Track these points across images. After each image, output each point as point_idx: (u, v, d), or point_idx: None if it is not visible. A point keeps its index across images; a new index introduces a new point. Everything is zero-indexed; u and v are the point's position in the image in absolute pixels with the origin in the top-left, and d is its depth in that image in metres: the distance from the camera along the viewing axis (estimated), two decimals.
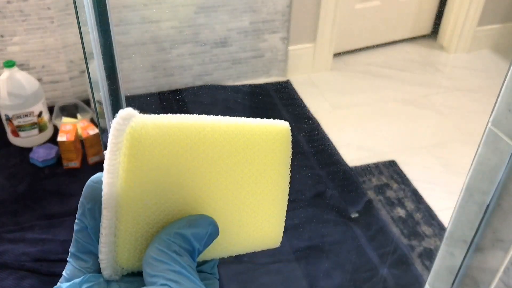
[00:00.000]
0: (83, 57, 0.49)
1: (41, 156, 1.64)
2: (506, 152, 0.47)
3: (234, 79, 2.14)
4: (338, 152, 1.77)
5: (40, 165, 1.64)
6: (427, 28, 2.45)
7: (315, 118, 1.93)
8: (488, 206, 0.51)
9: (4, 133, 1.75)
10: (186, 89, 2.07)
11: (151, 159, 0.29)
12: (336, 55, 2.26)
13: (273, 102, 2.03)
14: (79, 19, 0.47)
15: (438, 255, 0.60)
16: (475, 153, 0.51)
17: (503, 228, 0.50)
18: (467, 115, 1.98)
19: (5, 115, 1.67)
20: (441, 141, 1.86)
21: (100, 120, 0.55)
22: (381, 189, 1.63)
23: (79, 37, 0.49)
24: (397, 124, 1.94)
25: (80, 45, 0.49)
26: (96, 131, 1.65)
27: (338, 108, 2.02)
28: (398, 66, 2.27)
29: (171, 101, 2.03)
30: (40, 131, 1.72)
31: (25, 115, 1.67)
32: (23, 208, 1.50)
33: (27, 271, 1.31)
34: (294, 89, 2.10)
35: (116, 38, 0.49)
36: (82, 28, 0.48)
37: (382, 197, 1.60)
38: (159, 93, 2.05)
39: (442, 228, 1.49)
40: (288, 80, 2.16)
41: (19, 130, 1.69)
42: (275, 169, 0.34)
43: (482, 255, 0.54)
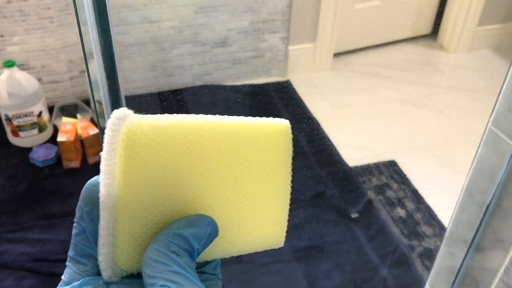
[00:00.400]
0: (83, 57, 0.49)
1: (41, 156, 1.64)
2: (506, 152, 0.47)
3: (234, 79, 2.14)
4: (338, 152, 1.76)
5: (40, 165, 1.64)
6: (427, 28, 2.45)
7: (315, 118, 1.93)
8: (488, 206, 0.51)
9: (4, 133, 1.75)
10: (186, 89, 2.07)
11: (148, 159, 0.29)
12: (336, 55, 2.26)
13: (273, 102, 2.03)
14: (79, 19, 0.47)
15: (438, 255, 0.60)
16: (475, 153, 0.51)
17: (503, 228, 0.50)
18: (467, 115, 1.98)
19: (5, 115, 1.67)
20: (441, 141, 1.86)
21: (100, 120, 0.55)
22: (381, 189, 1.63)
23: (79, 37, 0.49)
24: (397, 124, 1.94)
25: (80, 45, 0.49)
26: (96, 131, 1.65)
27: (338, 108, 2.02)
28: (398, 66, 2.27)
29: (171, 101, 2.02)
30: (40, 131, 1.72)
31: (25, 115, 1.67)
32: (23, 208, 1.50)
33: (27, 271, 1.31)
34: (294, 89, 2.10)
35: (116, 38, 0.49)
36: (82, 28, 0.48)
37: (382, 197, 1.60)
38: (159, 93, 2.05)
39: (442, 228, 1.49)
40: (288, 80, 2.16)
41: (19, 130, 1.69)
42: (276, 168, 0.34)
43: (482, 255, 0.54)
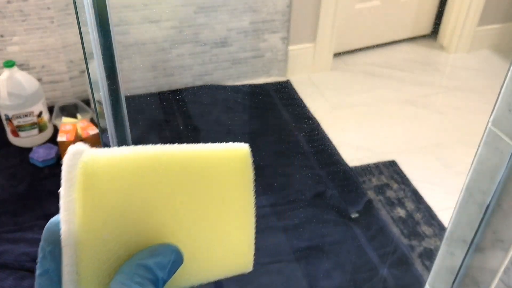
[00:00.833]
0: (83, 57, 0.49)
1: (41, 156, 1.64)
2: (506, 152, 0.47)
3: (234, 79, 2.14)
4: (338, 152, 1.76)
5: (40, 165, 1.64)
6: (427, 28, 2.45)
7: (315, 118, 1.93)
8: (488, 206, 0.51)
9: (4, 133, 1.75)
10: (186, 89, 2.07)
11: (107, 193, 0.29)
12: (336, 55, 2.26)
13: (273, 102, 2.03)
14: (79, 19, 0.47)
15: (438, 255, 0.60)
16: (475, 153, 0.51)
17: (503, 228, 0.50)
18: (467, 115, 1.98)
19: (5, 115, 1.67)
20: (441, 141, 1.86)
21: (100, 120, 0.55)
22: (381, 189, 1.63)
23: (79, 37, 0.49)
24: (397, 124, 1.94)
25: (80, 45, 0.49)
26: (96, 131, 1.65)
27: (338, 108, 2.02)
28: (398, 66, 2.27)
29: (171, 101, 2.02)
30: (40, 131, 1.72)
31: (25, 115, 1.67)
32: (23, 208, 1.50)
33: (27, 271, 1.31)
34: (294, 89, 2.10)
35: (116, 38, 0.49)
36: (82, 28, 0.48)
37: (382, 197, 1.60)
38: (159, 93, 2.05)
39: (442, 228, 1.49)
40: (288, 80, 2.16)
41: (19, 130, 1.69)
42: (238, 193, 0.34)
43: (482, 255, 0.54)
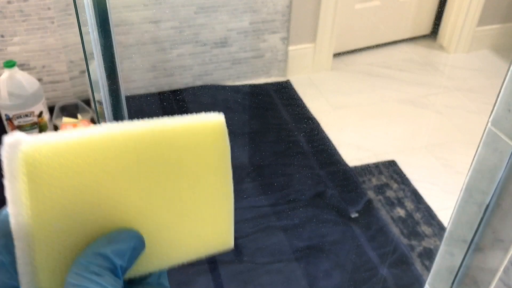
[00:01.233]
0: (83, 57, 0.49)
1: None
2: (506, 152, 0.47)
3: (234, 79, 2.14)
4: (338, 152, 1.77)
5: None
6: (427, 28, 2.45)
7: (315, 118, 1.93)
8: (488, 206, 0.51)
9: (5, 133, 1.75)
10: (186, 89, 2.07)
11: (54, 182, 0.28)
12: (336, 55, 2.26)
13: (273, 102, 2.03)
14: (80, 20, 0.47)
15: (437, 255, 0.60)
16: (475, 153, 0.51)
17: (503, 228, 0.50)
18: (467, 115, 1.98)
19: (5, 115, 1.67)
20: (441, 141, 1.86)
21: (100, 120, 0.55)
22: (381, 189, 1.63)
23: (79, 37, 0.49)
24: (397, 124, 1.94)
25: (81, 45, 0.49)
26: None
27: (338, 108, 2.02)
28: (398, 66, 2.27)
29: (171, 101, 2.03)
30: (41, 131, 1.72)
31: (25, 115, 1.67)
32: None
33: None
34: (294, 89, 2.11)
35: (116, 38, 0.49)
36: (82, 28, 0.48)
37: (382, 197, 1.61)
38: (159, 93, 2.05)
39: (442, 228, 1.49)
40: (288, 80, 2.16)
41: (20, 130, 1.69)
42: (214, 167, 0.32)
43: (482, 255, 0.54)
